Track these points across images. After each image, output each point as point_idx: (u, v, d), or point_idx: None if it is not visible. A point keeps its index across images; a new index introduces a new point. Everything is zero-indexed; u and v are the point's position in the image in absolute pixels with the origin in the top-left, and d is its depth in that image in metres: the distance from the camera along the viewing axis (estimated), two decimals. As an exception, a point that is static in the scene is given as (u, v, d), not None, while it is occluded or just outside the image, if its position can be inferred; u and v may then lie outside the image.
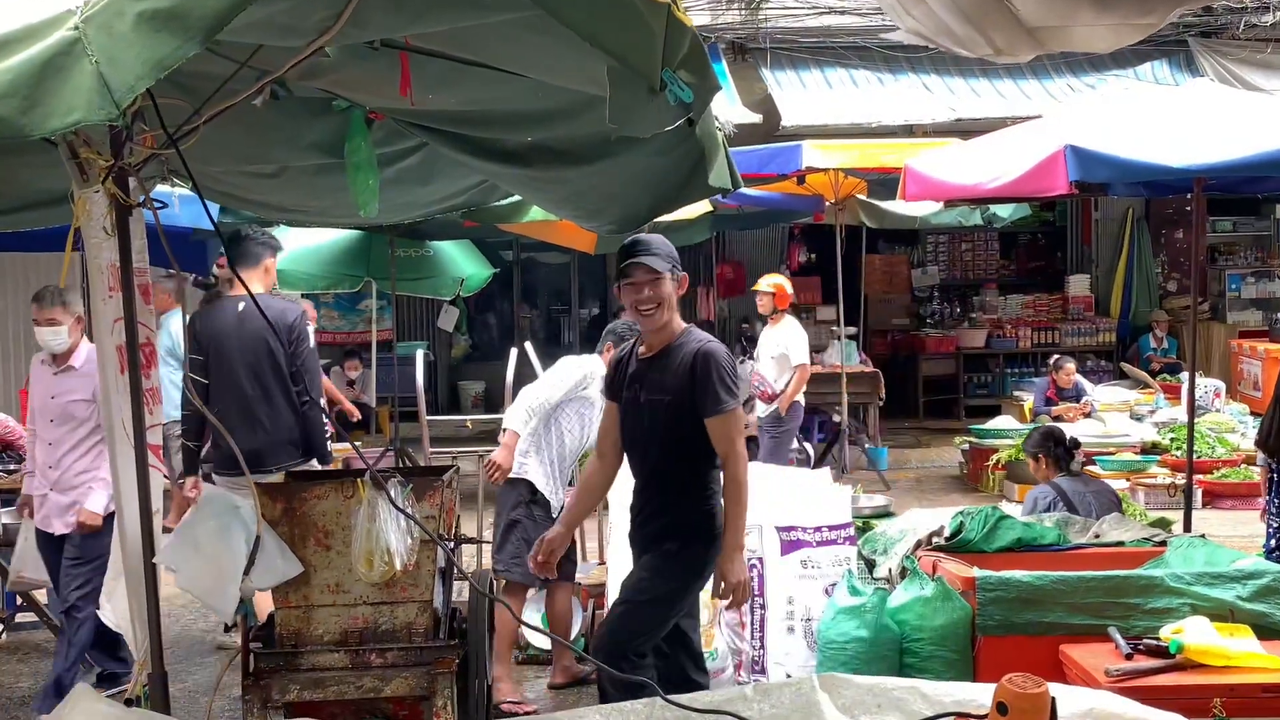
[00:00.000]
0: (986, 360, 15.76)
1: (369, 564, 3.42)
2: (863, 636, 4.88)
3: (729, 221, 12.89)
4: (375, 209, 4.21)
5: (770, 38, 14.10)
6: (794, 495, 5.80)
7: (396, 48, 3.53)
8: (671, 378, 4.32)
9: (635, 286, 4.30)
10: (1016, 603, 4.71)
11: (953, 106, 13.29)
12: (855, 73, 14.17)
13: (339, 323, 15.67)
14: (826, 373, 12.39)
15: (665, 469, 4.38)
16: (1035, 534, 5.39)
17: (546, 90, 3.69)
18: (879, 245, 16.77)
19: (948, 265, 17.06)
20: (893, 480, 11.92)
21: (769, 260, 16.24)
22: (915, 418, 15.39)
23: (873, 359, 14.64)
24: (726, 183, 3.92)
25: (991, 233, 16.37)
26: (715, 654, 5.72)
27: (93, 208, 3.59)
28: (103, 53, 2.14)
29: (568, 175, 4.24)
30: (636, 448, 4.45)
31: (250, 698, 3.50)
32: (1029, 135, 6.33)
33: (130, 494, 3.54)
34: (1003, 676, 4.55)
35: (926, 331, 16.01)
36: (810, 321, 15.34)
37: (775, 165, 10.44)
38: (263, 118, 4.07)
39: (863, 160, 10.38)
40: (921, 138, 12.55)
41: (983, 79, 13.97)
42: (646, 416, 4.36)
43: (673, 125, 3.33)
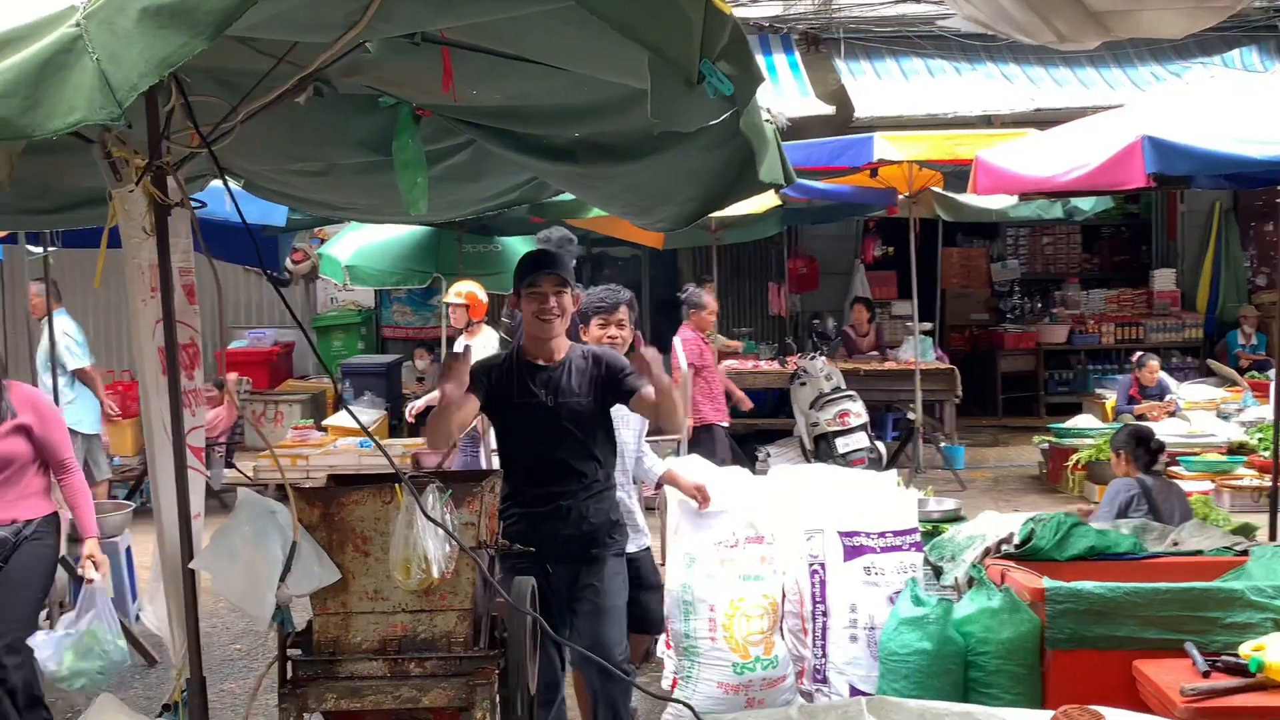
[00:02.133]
0: (1068, 357, 15.39)
1: (406, 572, 3.33)
2: (926, 649, 4.71)
3: (800, 215, 12.70)
4: (424, 206, 4.13)
5: (843, 28, 13.89)
6: (857, 499, 5.63)
7: (438, 43, 3.45)
8: (581, 380, 4.47)
9: (542, 295, 4.42)
10: (1088, 615, 4.51)
11: (1032, 96, 12.97)
12: (931, 62, 13.90)
13: (411, 318, 15.73)
14: (900, 369, 12.18)
15: (583, 469, 4.46)
16: (1109, 542, 5.18)
17: (591, 85, 3.59)
18: (957, 239, 16.49)
19: (1028, 259, 16.72)
20: (969, 480, 11.68)
21: (843, 255, 16.03)
22: (994, 416, 15.09)
23: (950, 355, 14.39)
24: (779, 178, 3.78)
25: (1073, 226, 16.01)
26: (775, 660, 5.59)
27: (131, 207, 3.55)
28: (104, 50, 2.06)
29: (616, 171, 4.13)
30: (542, 450, 4.44)
31: (287, 706, 3.44)
32: (1105, 126, 6.09)
33: (169, 496, 3.50)
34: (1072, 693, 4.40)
35: (1006, 327, 15.69)
36: (885, 316, 15.12)
37: (846, 158, 10.24)
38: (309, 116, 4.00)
39: (936, 152, 10.15)
40: (999, 129, 12.25)
41: (1064, 67, 13.63)
42: (562, 418, 4.42)
43: (717, 120, 3.20)
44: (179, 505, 3.46)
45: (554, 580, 4.43)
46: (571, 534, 4.43)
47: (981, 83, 13.54)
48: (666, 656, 6.08)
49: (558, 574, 4.44)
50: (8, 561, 5.10)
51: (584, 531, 4.46)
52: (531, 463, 4.45)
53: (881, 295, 15.52)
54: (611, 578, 4.54)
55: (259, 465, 11.26)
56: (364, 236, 12.08)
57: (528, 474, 4.44)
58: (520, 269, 4.58)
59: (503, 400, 4.45)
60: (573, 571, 4.48)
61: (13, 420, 5.06)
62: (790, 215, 12.41)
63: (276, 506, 3.43)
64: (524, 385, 4.46)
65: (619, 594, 4.59)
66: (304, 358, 15.81)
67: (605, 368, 4.53)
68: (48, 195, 4.52)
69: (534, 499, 4.42)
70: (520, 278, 4.53)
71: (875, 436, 11.50)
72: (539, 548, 4.30)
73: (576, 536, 4.45)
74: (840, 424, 10.70)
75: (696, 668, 5.64)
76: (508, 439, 4.57)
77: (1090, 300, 15.64)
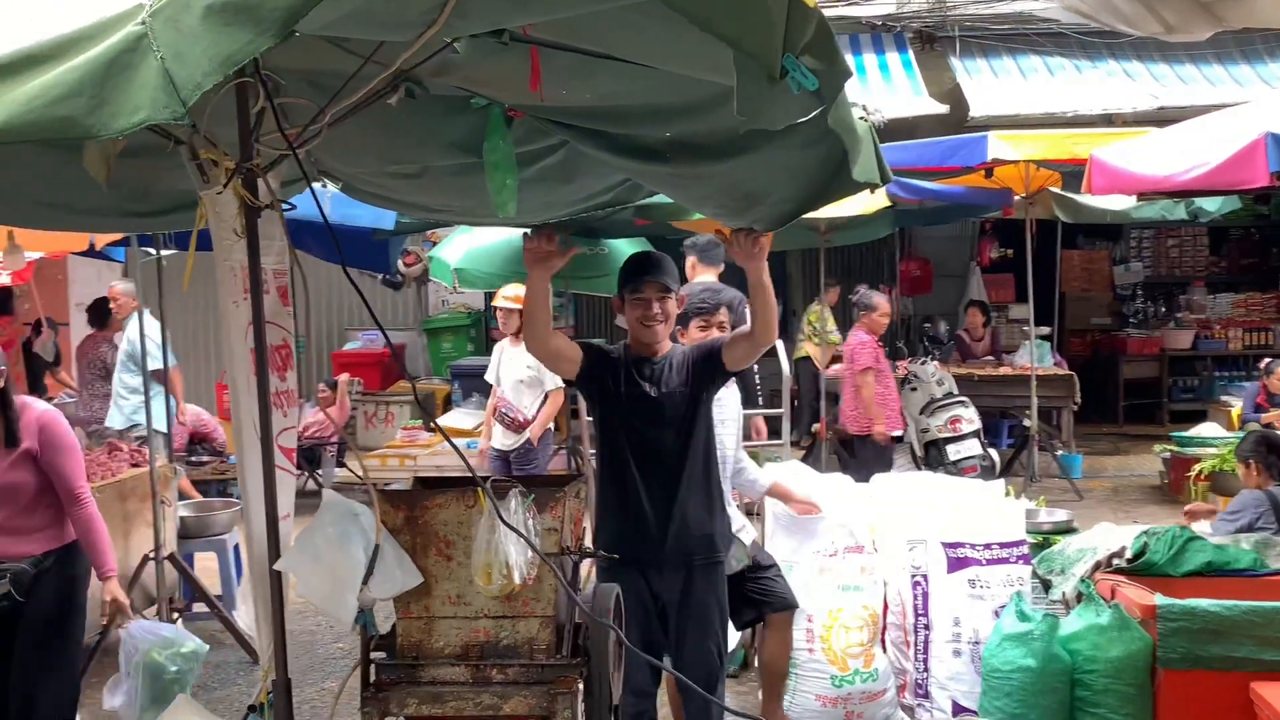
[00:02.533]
0: (1193, 363, 14.88)
1: (487, 577, 3.29)
2: (1030, 666, 4.54)
3: (912, 217, 12.44)
4: (513, 209, 4.09)
5: (959, 25, 13.59)
6: (963, 510, 5.47)
7: (526, 42, 3.41)
8: (682, 370, 4.43)
9: (646, 302, 4.41)
10: (1202, 634, 4.31)
11: (1155, 94, 12.55)
12: (1050, 60, 13.54)
13: (520, 320, 15.81)
14: (1016, 374, 11.87)
15: (691, 463, 4.37)
16: (1228, 557, 4.94)
17: (680, 83, 3.51)
18: (1078, 241, 16.05)
19: (1152, 262, 16.21)
20: (1086, 490, 11.35)
21: (958, 257, 15.72)
22: (1114, 423, 14.66)
23: (1069, 360, 14.01)
24: (874, 177, 3.65)
25: (1200, 228, 15.47)
26: (875, 673, 5.46)
27: (221, 209, 3.56)
28: (169, 48, 2.04)
29: (708, 171, 4.04)
30: (650, 443, 4.36)
31: (369, 710, 3.42)
32: (1226, 123, 5.84)
33: (257, 497, 3.51)
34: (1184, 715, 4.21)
35: (1129, 332, 15.23)
36: (1002, 320, 14.77)
37: (959, 158, 9.98)
38: (403, 118, 3.99)
39: (1053, 151, 9.82)
40: (1121, 127, 11.87)
41: (1189, 64, 13.18)
42: (667, 409, 4.37)
43: (806, 117, 3.10)
44: (266, 506, 3.47)
45: (654, 585, 4.35)
46: (672, 539, 4.33)
47: (1103, 80, 13.15)
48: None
49: (656, 580, 4.35)
50: (28, 599, 4.65)
51: (684, 537, 4.35)
52: (634, 458, 4.37)
53: (998, 298, 15.17)
54: (713, 588, 4.44)
55: (368, 465, 11.40)
56: (473, 240, 12.15)
57: (628, 472, 4.36)
58: (624, 274, 4.53)
59: (611, 386, 4.41)
60: (674, 577, 4.37)
61: (20, 447, 4.64)
62: (902, 216, 12.16)
63: (360, 509, 3.42)
64: (630, 375, 4.42)
65: (719, 604, 4.49)
66: (415, 359, 16.01)
67: (698, 350, 4.51)
68: (148, 198, 4.57)
69: (635, 501, 4.34)
70: (624, 283, 4.50)
71: (989, 444, 11.22)
72: (638, 551, 4.26)
73: (677, 541, 4.34)
74: (951, 430, 10.45)
75: (794, 679, 5.53)
76: (610, 429, 4.46)
77: (1217, 304, 15.11)
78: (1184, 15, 3.57)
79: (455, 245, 12.24)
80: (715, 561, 4.48)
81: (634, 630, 4.22)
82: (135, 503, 6.96)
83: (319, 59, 3.51)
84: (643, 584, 4.30)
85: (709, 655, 4.42)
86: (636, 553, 4.30)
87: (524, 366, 8.26)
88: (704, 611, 4.42)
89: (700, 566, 4.41)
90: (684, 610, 4.39)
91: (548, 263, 4.21)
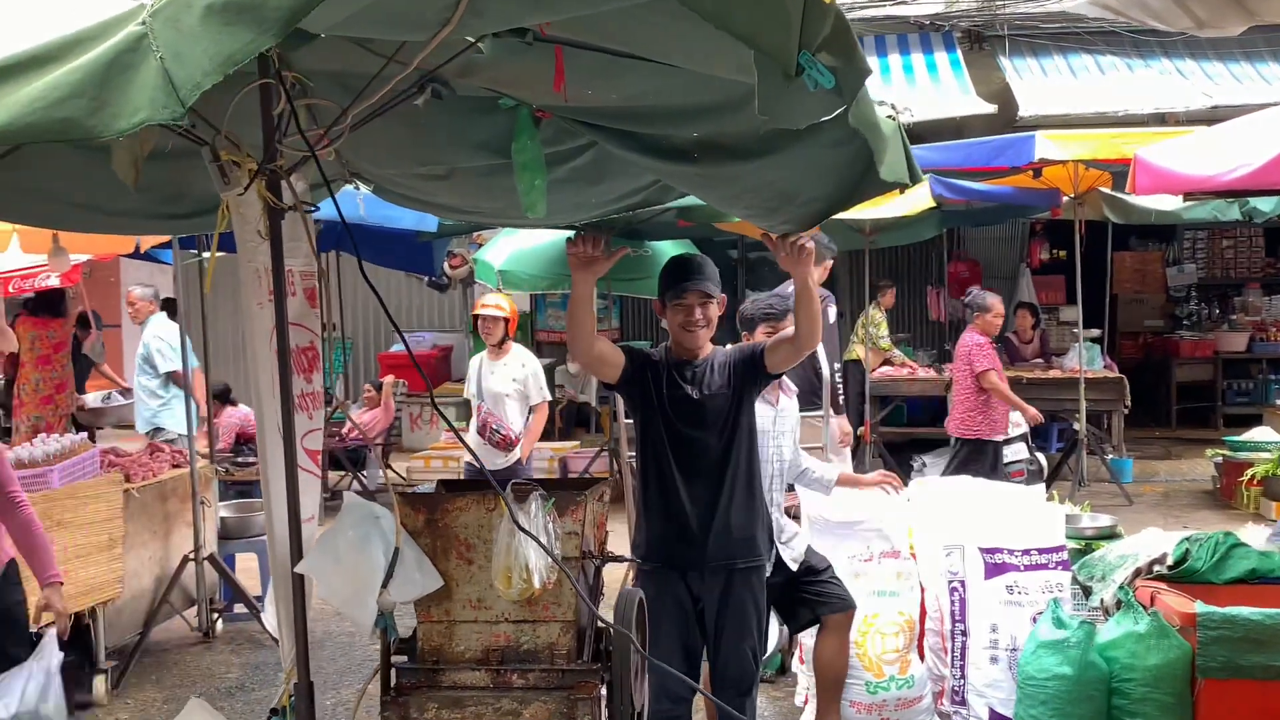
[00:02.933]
0: (1248, 365, 14.63)
1: (507, 581, 3.27)
2: (1066, 674, 4.45)
3: (959, 217, 12.32)
4: (542, 209, 4.07)
5: (1009, 24, 13.43)
6: (1001, 514, 5.38)
7: (550, 42, 3.38)
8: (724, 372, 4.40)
9: (688, 307, 4.37)
10: (1243, 643, 4.21)
11: (1208, 93, 12.33)
12: (1101, 59, 13.36)
13: (560, 322, 15.83)
14: (1065, 377, 11.71)
15: (733, 466, 4.33)
16: (1274, 565, 4.82)
17: (707, 83, 3.48)
18: (1130, 242, 15.84)
19: (1206, 263, 15.95)
20: (1136, 494, 11.16)
21: (1008, 258, 15.54)
22: (1167, 427, 14.44)
23: (1122, 363, 13.82)
24: (903, 177, 3.59)
25: (1255, 228, 15.21)
26: (911, 680, 5.39)
27: (246, 210, 3.57)
28: (168, 48, 2.03)
29: (737, 171, 4.00)
30: (692, 446, 4.32)
31: (389, 714, 3.41)
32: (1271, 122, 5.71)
33: (280, 499, 3.50)
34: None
35: (1182, 334, 14.99)
36: (1052, 322, 14.58)
37: (1006, 158, 9.85)
38: (431, 119, 3.99)
39: (1102, 151, 9.65)
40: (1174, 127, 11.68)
41: (1245, 62, 12.95)
42: (710, 411, 4.34)
43: (828, 116, 3.05)
44: (289, 508, 3.47)
45: (694, 588, 4.30)
46: (714, 541, 4.28)
47: (1155, 80, 12.95)
48: (801, 672, 5.92)
49: (696, 583, 4.30)
50: None
51: (726, 540, 4.30)
52: (676, 461, 4.32)
53: (1049, 300, 14.99)
54: (752, 591, 4.38)
55: (412, 466, 11.46)
56: (517, 242, 12.18)
57: (670, 474, 4.31)
58: (665, 278, 4.49)
59: (654, 389, 4.36)
60: (714, 580, 4.31)
61: None
62: (949, 217, 12.04)
63: (381, 512, 3.41)
64: (672, 378, 4.38)
65: (757, 607, 4.43)
66: (462, 361, 16.05)
67: (740, 352, 4.48)
68: (181, 201, 4.59)
69: (676, 503, 4.29)
70: (665, 287, 4.46)
71: (1038, 447, 11.07)
72: (679, 554, 4.23)
73: (718, 545, 4.29)
74: (998, 434, 10.29)
75: (829, 685, 5.47)
76: (651, 432, 4.39)
77: (1273, 306, 14.86)
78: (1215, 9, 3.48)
79: (500, 247, 12.27)
80: (756, 565, 4.44)
81: (672, 633, 4.22)
82: (175, 503, 7.02)
83: (347, 60, 3.51)
84: (682, 587, 4.26)
85: (745, 659, 4.38)
86: (676, 555, 4.28)
87: (508, 380, 7.79)
88: (742, 614, 4.38)
89: (741, 570, 4.36)
90: (723, 613, 4.34)
91: (592, 267, 4.16)
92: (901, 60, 13.47)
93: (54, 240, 7.41)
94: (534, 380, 7.88)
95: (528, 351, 8.28)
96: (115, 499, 6.31)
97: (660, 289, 4.49)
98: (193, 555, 7.04)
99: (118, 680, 6.52)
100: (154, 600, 6.87)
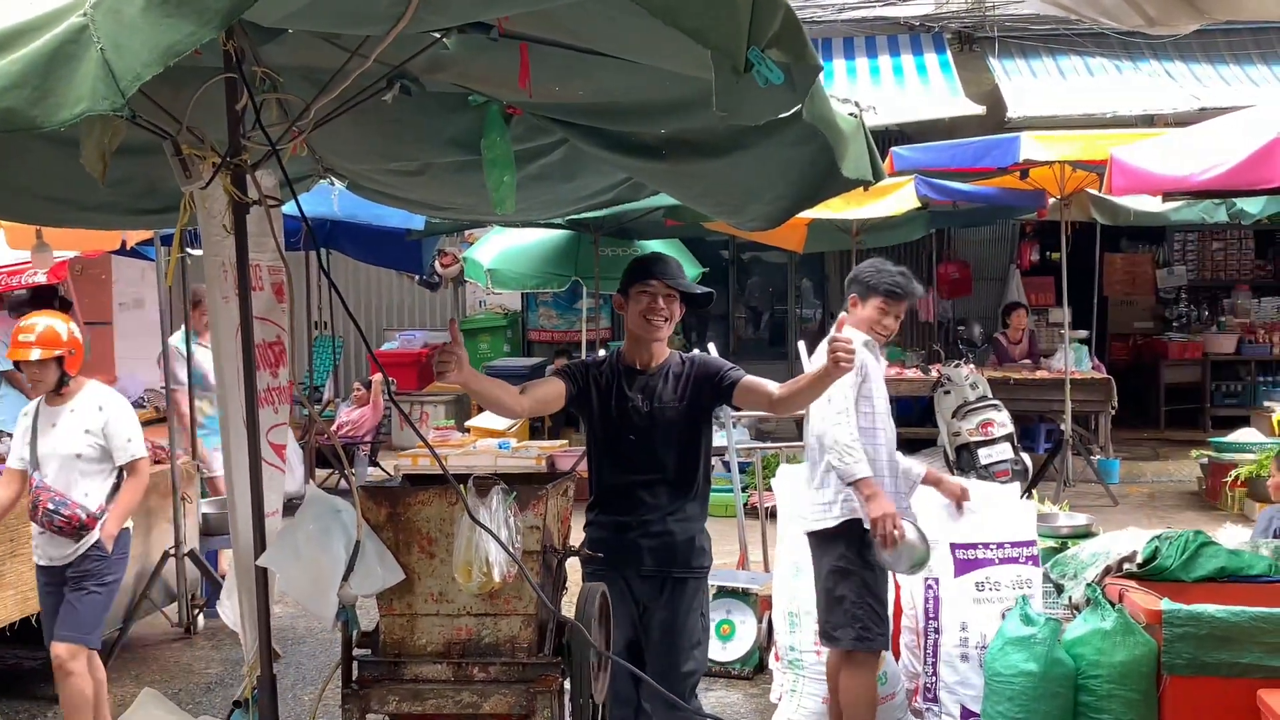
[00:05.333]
0: (1237, 368, 14.66)
1: (467, 574, 3.28)
2: (1031, 670, 4.47)
3: (947, 218, 12.33)
4: (511, 205, 4.08)
5: (999, 26, 13.45)
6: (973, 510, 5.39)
7: (514, 38, 3.40)
8: (677, 385, 4.29)
9: (653, 295, 4.28)
10: (1209, 640, 4.23)
11: (1197, 95, 12.35)
12: (1090, 60, 13.37)
13: (556, 321, 15.87)
14: (1053, 379, 11.73)
15: (680, 476, 4.27)
16: (1243, 563, 4.83)
17: (673, 80, 3.50)
18: (1120, 244, 15.86)
19: (1196, 265, 15.99)
20: (1122, 495, 11.18)
21: (998, 259, 15.57)
22: (1156, 428, 14.45)
23: (1112, 364, 13.85)
24: (866, 174, 3.62)
25: (1245, 231, 15.25)
26: (884, 677, 5.39)
27: (211, 205, 3.58)
28: (109, 39, 2.04)
29: (704, 169, 4.02)
30: (639, 456, 4.25)
31: (349, 707, 3.42)
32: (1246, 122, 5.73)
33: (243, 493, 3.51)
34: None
35: (1171, 336, 15.01)
36: (1042, 324, 14.61)
37: (991, 158, 9.85)
38: (402, 115, 4.00)
39: (1087, 152, 9.63)
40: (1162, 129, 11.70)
41: (1233, 64, 12.99)
42: (658, 423, 4.25)
43: (785, 113, 3.07)
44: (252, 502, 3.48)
45: (635, 590, 4.26)
46: (653, 548, 4.25)
47: (1143, 82, 12.97)
48: (776, 669, 5.94)
49: (637, 588, 4.26)
50: None
51: (666, 547, 4.26)
52: (621, 469, 4.29)
53: (1039, 302, 15.02)
54: (689, 600, 4.32)
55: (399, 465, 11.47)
56: (506, 240, 12.22)
57: (616, 480, 4.30)
58: (632, 270, 4.42)
59: (599, 402, 4.30)
60: (651, 588, 4.28)
61: None
62: (936, 218, 12.06)
63: (342, 505, 3.42)
64: (621, 390, 4.30)
65: (695, 619, 4.34)
66: (453, 359, 16.06)
67: (701, 367, 4.34)
68: (154, 195, 4.60)
69: (620, 507, 4.28)
70: (631, 279, 4.38)
71: (1026, 448, 11.09)
72: (620, 558, 4.19)
73: (658, 551, 4.25)
74: (983, 434, 10.30)
75: (802, 682, 5.50)
76: (600, 443, 4.36)
77: (1262, 308, 14.88)
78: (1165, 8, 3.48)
79: (489, 246, 12.32)
80: (697, 575, 4.36)
81: (618, 634, 4.07)
82: (157, 499, 7.03)
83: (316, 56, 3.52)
84: (625, 587, 4.21)
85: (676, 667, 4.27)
86: (619, 559, 4.21)
87: (79, 433, 5.43)
88: (683, 622, 4.29)
89: (677, 579, 4.29)
90: (659, 620, 4.28)
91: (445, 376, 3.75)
92: (891, 61, 13.50)
93: (37, 236, 7.42)
94: (119, 428, 5.49)
95: (106, 390, 5.73)
96: (95, 494, 6.29)
97: (624, 281, 4.40)
98: (173, 551, 7.05)
99: (97, 675, 6.52)
100: (134, 595, 6.88)
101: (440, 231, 11.06)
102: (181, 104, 3.43)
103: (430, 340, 16.00)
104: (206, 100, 3.37)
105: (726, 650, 6.43)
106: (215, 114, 3.41)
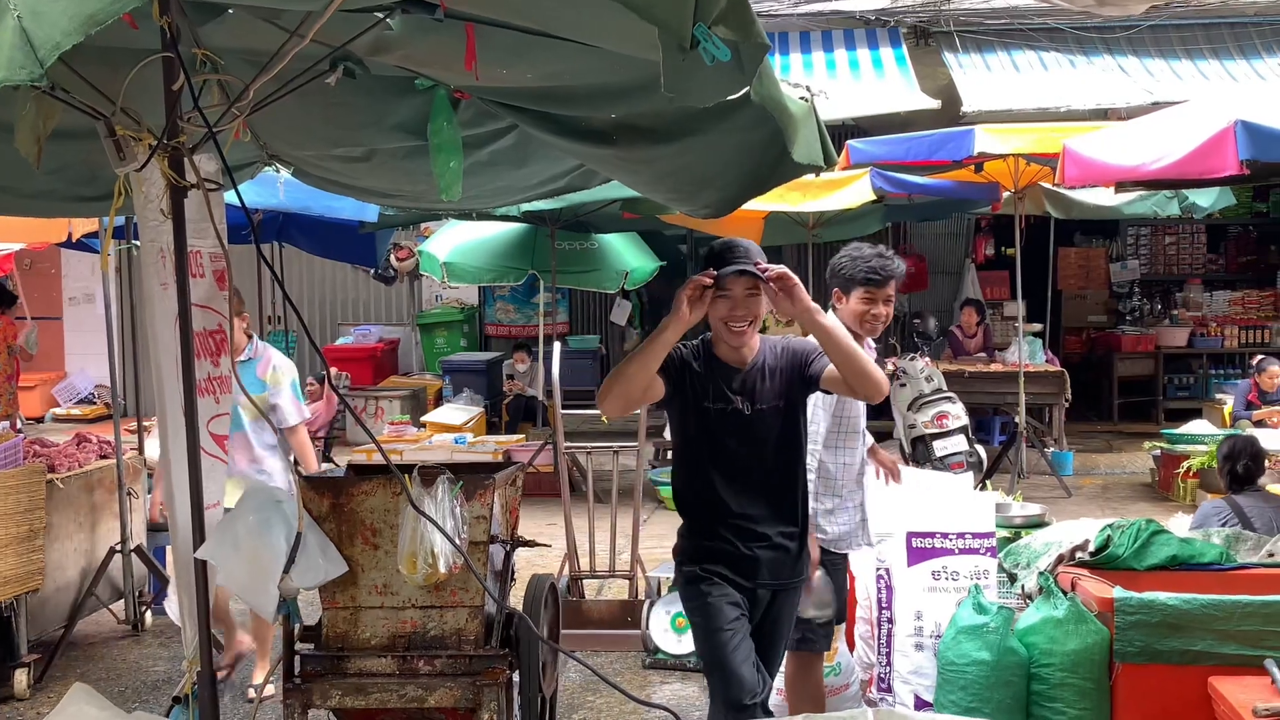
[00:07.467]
0: (1189, 361, 14.78)
1: (412, 566, 3.22)
2: (984, 659, 4.45)
3: (902, 212, 12.36)
4: (458, 193, 4.02)
5: (954, 20, 13.48)
6: (932, 501, 5.38)
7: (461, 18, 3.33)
8: (777, 382, 3.91)
9: (732, 300, 3.77)
10: (1160, 628, 4.22)
11: (1150, 89, 12.41)
12: (1045, 55, 13.40)
13: (514, 316, 15.78)
14: (1007, 371, 11.79)
15: (782, 480, 3.94)
16: (1194, 551, 4.83)
17: (623, 63, 3.44)
18: (1074, 238, 15.95)
19: (1149, 260, 16.11)
20: (1076, 487, 11.25)
21: (953, 254, 15.62)
22: (1109, 421, 14.55)
23: (1066, 357, 13.93)
24: (816, 159, 3.57)
25: (1198, 225, 15.39)
26: (838, 668, 5.37)
27: (148, 188, 3.50)
28: (26, 7, 1.97)
29: (655, 155, 3.98)
30: (742, 459, 3.90)
31: (291, 702, 3.35)
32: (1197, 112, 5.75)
33: (182, 486, 3.43)
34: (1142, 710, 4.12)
35: (1124, 329, 15.11)
36: (997, 317, 14.67)
37: (946, 151, 9.87)
38: (347, 99, 3.94)
39: (1041, 145, 9.65)
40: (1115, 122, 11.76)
41: (1185, 60, 13.05)
42: (759, 427, 3.89)
43: (733, 95, 3.03)
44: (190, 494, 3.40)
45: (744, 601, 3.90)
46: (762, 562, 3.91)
47: (1097, 76, 13.00)
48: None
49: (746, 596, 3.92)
50: None
51: (779, 555, 3.94)
52: (720, 472, 3.89)
53: (994, 295, 15.07)
54: (791, 608, 4.07)
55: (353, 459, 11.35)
56: (462, 234, 12.11)
57: (714, 484, 3.89)
58: (708, 263, 3.86)
59: (696, 404, 3.88)
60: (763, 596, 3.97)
61: None
62: (891, 212, 12.07)
63: (283, 496, 3.35)
64: (719, 389, 3.88)
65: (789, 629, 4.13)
66: (408, 355, 15.96)
67: (789, 355, 3.93)
68: (95, 182, 4.51)
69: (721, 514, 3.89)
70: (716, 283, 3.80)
71: (981, 440, 11.13)
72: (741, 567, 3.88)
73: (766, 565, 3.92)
74: (938, 426, 10.34)
75: (756, 673, 5.45)
76: (692, 440, 3.93)
77: (1213, 302, 14.99)
78: (1113, -13, 3.47)
79: (444, 239, 12.20)
80: (797, 585, 4.10)
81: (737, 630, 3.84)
82: (103, 494, 6.91)
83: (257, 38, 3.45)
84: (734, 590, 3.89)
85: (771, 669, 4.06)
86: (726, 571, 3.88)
87: None
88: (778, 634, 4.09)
89: (784, 590, 4.03)
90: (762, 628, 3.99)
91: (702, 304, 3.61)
92: (847, 56, 13.49)
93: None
94: None
95: None
96: (37, 489, 6.19)
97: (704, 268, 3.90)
98: (119, 547, 6.93)
99: (41, 674, 6.39)
100: (79, 593, 6.76)
101: (395, 224, 10.96)
102: (118, 85, 3.34)
103: (385, 335, 15.87)
104: (146, 83, 3.28)
105: (682, 643, 6.38)
106: (155, 98, 3.33)
